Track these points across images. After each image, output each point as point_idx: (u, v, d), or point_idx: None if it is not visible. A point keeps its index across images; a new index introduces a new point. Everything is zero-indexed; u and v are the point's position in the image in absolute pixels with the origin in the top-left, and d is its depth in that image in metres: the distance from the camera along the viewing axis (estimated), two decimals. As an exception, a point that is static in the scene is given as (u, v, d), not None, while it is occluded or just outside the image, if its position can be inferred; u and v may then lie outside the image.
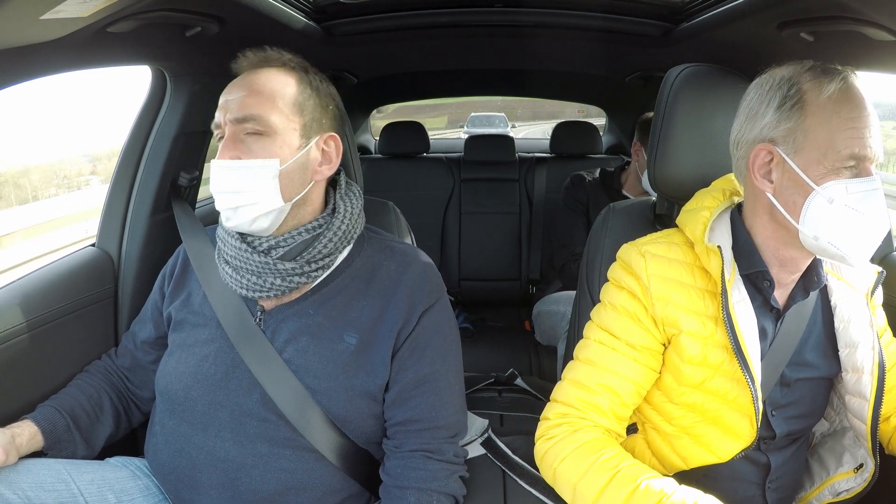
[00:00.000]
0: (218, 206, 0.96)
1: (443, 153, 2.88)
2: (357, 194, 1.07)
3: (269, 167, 0.93)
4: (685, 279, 0.95)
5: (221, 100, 0.97)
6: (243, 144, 0.93)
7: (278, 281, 0.95)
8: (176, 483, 0.97)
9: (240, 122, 0.93)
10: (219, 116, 0.96)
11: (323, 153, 1.00)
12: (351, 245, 1.02)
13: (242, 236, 0.98)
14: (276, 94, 0.95)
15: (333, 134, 1.01)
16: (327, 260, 0.98)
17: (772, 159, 0.89)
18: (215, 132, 0.97)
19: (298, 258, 0.96)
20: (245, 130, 0.93)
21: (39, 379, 1.09)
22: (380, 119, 4.04)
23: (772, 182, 0.90)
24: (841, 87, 0.84)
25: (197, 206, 1.53)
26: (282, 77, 0.97)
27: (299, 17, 1.37)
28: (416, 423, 0.95)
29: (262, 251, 0.96)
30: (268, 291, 0.95)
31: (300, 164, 0.96)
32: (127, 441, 1.18)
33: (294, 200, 0.96)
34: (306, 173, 0.97)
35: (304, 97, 0.98)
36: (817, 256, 0.93)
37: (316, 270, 0.97)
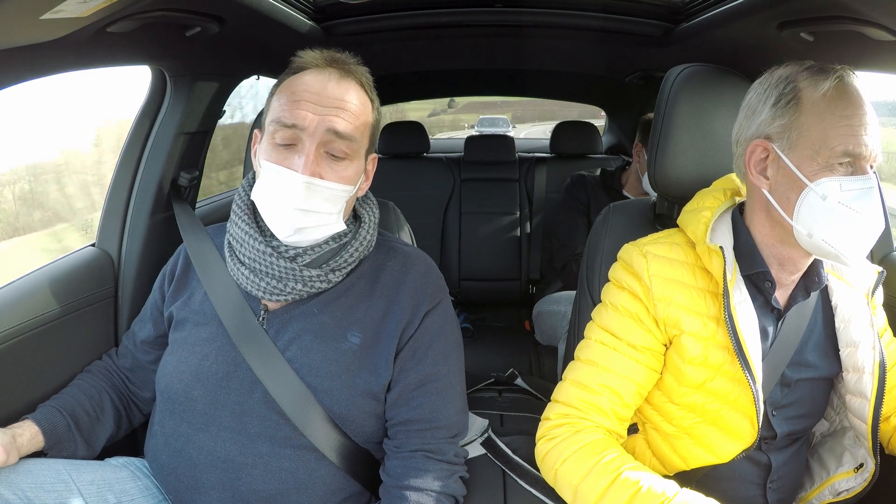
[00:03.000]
0: (277, 223, 0.91)
1: (443, 153, 2.88)
2: (374, 201, 1.08)
3: (346, 191, 0.93)
4: (687, 280, 0.95)
5: (294, 96, 0.89)
6: (324, 161, 0.90)
7: (299, 286, 0.94)
8: (176, 484, 0.97)
9: (338, 136, 0.89)
10: (298, 116, 0.88)
11: (365, 171, 1.00)
12: (369, 251, 1.03)
13: (267, 241, 0.96)
14: (363, 118, 0.93)
15: (374, 155, 1.02)
16: (350, 267, 0.98)
17: (767, 156, 0.90)
18: (277, 132, 0.89)
19: (324, 266, 0.96)
20: (334, 149, 0.90)
21: (40, 379, 1.09)
22: (451, 113, 4.04)
23: (767, 178, 0.90)
24: (836, 84, 0.84)
25: (197, 205, 1.53)
26: (364, 98, 0.95)
27: (299, 17, 1.37)
28: (418, 424, 0.95)
29: (289, 258, 0.95)
30: (287, 295, 0.95)
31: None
32: (127, 441, 1.17)
33: None
34: (356, 192, 0.98)
35: (374, 123, 0.97)
36: (813, 255, 0.93)
37: (337, 276, 0.97)
